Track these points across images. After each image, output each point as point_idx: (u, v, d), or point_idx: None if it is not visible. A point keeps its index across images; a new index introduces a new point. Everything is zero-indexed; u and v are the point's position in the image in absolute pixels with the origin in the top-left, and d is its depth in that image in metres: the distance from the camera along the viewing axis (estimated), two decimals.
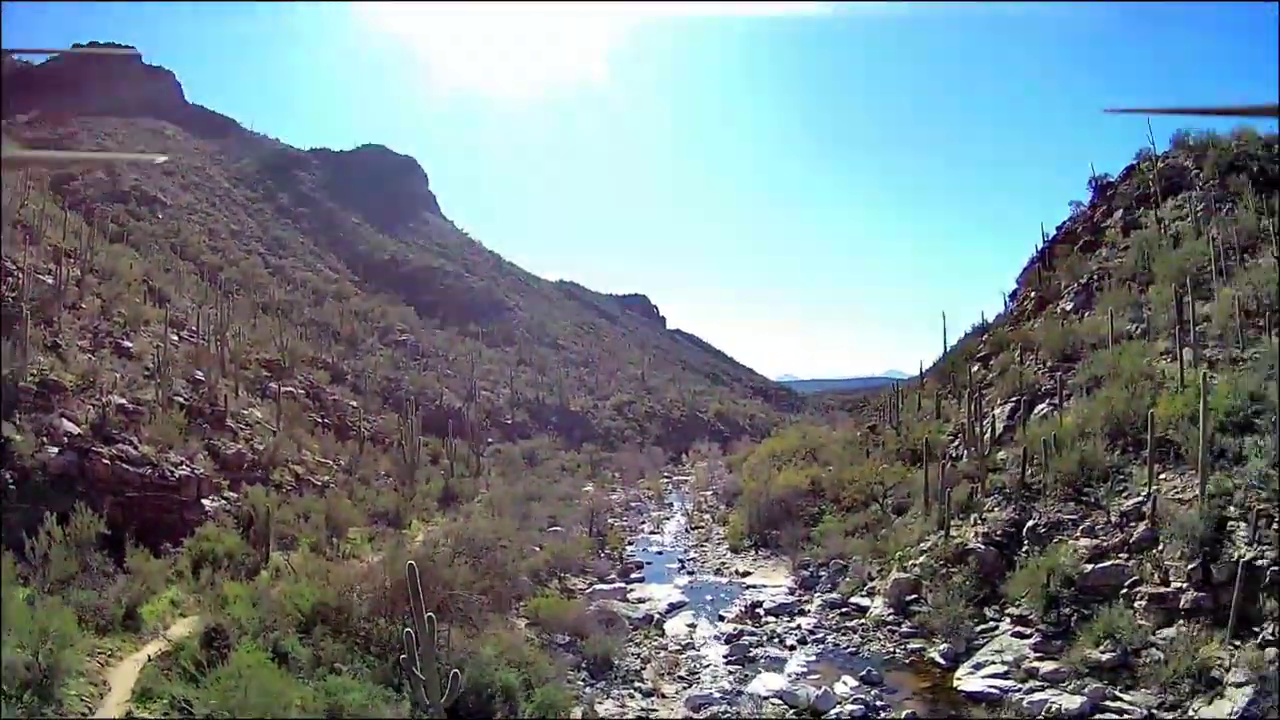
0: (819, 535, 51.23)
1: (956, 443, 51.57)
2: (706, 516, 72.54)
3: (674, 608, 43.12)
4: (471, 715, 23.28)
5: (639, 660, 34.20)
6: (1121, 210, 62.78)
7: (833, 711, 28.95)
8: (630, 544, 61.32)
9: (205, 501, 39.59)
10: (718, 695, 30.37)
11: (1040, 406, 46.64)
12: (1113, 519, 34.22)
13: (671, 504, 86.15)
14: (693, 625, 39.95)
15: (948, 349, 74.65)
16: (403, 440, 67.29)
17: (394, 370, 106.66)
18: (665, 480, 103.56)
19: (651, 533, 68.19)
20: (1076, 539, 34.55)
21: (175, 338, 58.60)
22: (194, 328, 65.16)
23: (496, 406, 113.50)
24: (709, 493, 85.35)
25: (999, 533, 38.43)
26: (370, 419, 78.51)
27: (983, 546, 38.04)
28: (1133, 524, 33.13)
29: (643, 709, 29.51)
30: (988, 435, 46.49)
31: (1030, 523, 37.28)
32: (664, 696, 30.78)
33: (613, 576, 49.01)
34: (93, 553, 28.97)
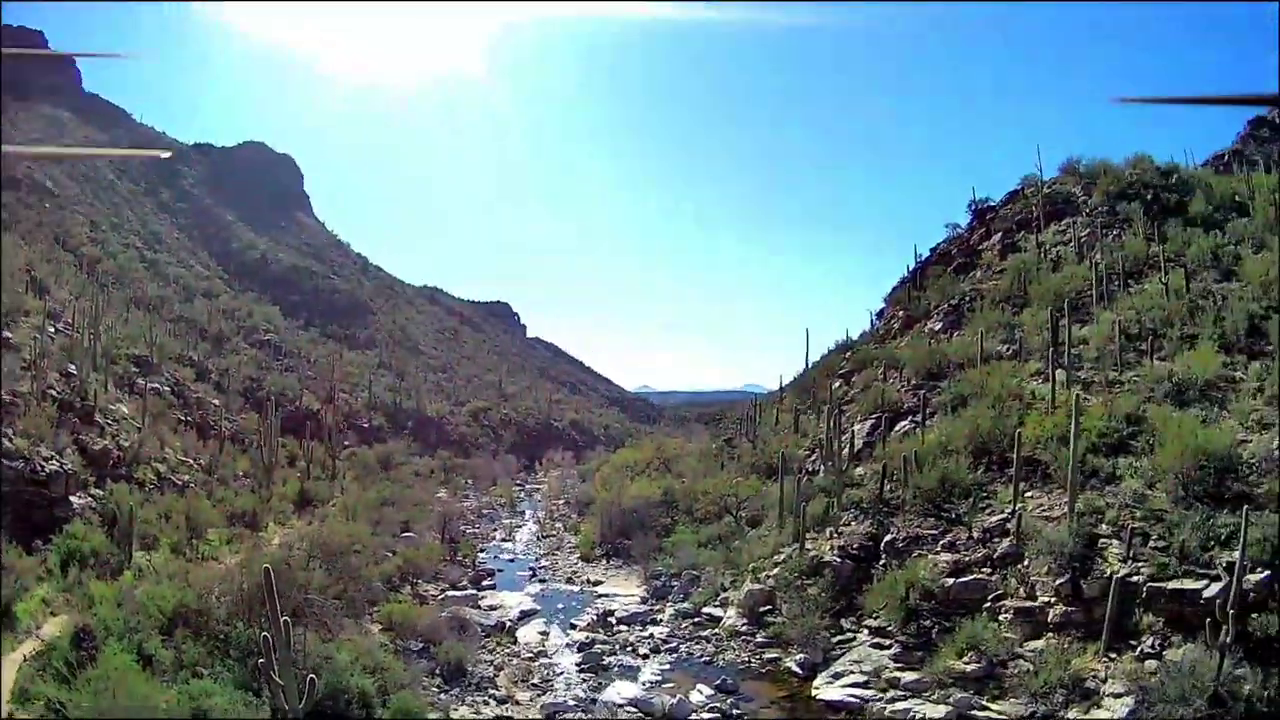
0: (671, 546, 50.56)
1: (814, 457, 51.16)
2: (559, 525, 71.74)
3: (526, 615, 42.02)
4: None
5: (492, 667, 33.02)
6: (1000, 234, 63.56)
7: (689, 719, 28.21)
8: (482, 551, 60.16)
9: (73, 498, 38.25)
10: (572, 702, 29.35)
11: (902, 424, 46.40)
12: (975, 535, 33.93)
13: (524, 512, 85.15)
14: (545, 633, 38.84)
15: (809, 364, 74.61)
16: (262, 441, 65.55)
17: (257, 370, 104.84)
18: (518, 488, 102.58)
19: (504, 540, 66.99)
20: (937, 554, 34.17)
21: (52, 330, 57.29)
22: (69, 320, 63.37)
23: (354, 410, 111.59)
24: (561, 501, 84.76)
25: (856, 546, 37.86)
26: (232, 418, 76.59)
27: (839, 559, 37.40)
28: (996, 540, 32.91)
29: (497, 716, 28.42)
30: (846, 451, 45.98)
31: (889, 537, 36.79)
32: (518, 703, 29.70)
33: (465, 583, 47.75)
34: None
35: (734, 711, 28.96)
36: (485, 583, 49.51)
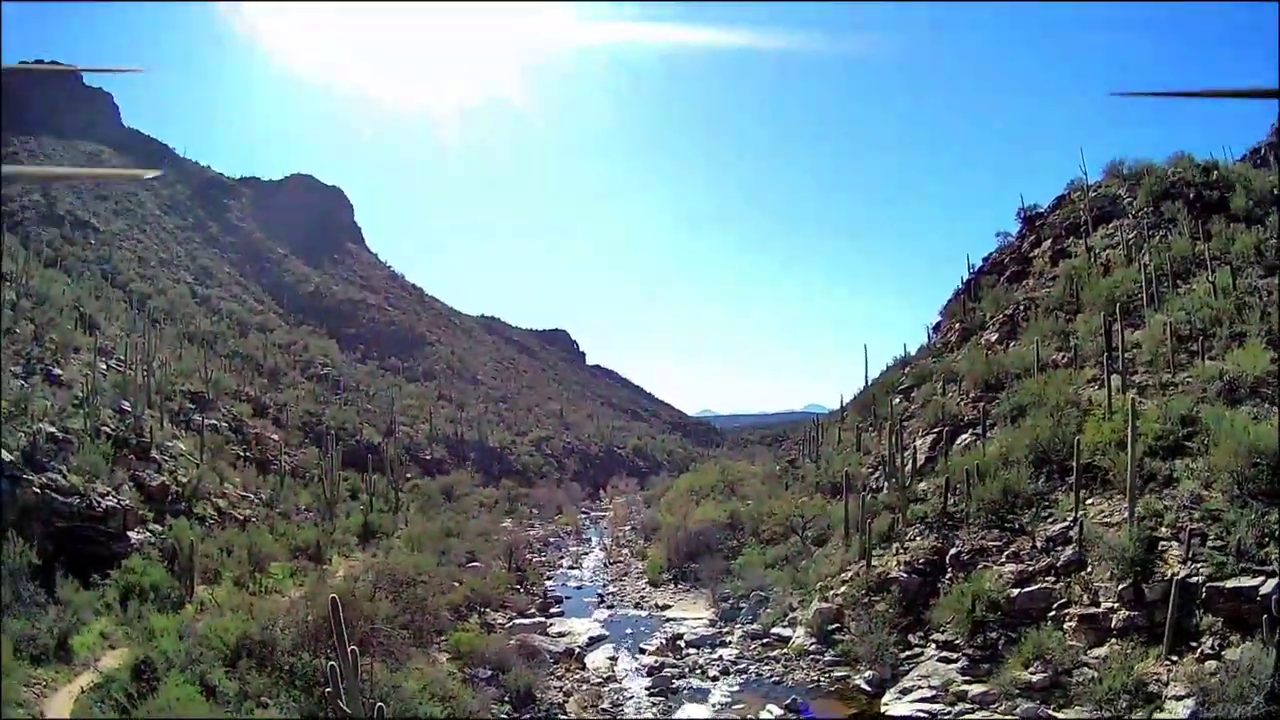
0: (739, 568, 50.63)
1: (877, 474, 51.22)
2: (625, 551, 71.98)
3: (594, 641, 42.30)
4: None
5: (561, 693, 33.24)
6: (1050, 240, 63.22)
7: None
8: (549, 579, 60.54)
9: (131, 534, 38.50)
10: None
11: (963, 436, 46.36)
12: (1038, 544, 33.84)
13: (590, 539, 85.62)
14: (613, 658, 39.13)
15: (869, 382, 74.18)
16: (323, 475, 66.03)
17: (315, 404, 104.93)
18: (583, 515, 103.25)
19: (570, 567, 67.46)
20: (1001, 565, 34.15)
21: (104, 366, 57.45)
22: (122, 356, 63.55)
23: (415, 442, 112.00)
24: (627, 527, 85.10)
25: (922, 561, 38.04)
26: (291, 453, 77.17)
27: (905, 574, 37.57)
28: (1059, 548, 32.79)
29: None
30: (909, 466, 45.89)
31: (953, 550, 36.84)
32: None
33: (532, 611, 48.10)
34: (24, 582, 28.38)
35: None
36: (553, 610, 49.88)
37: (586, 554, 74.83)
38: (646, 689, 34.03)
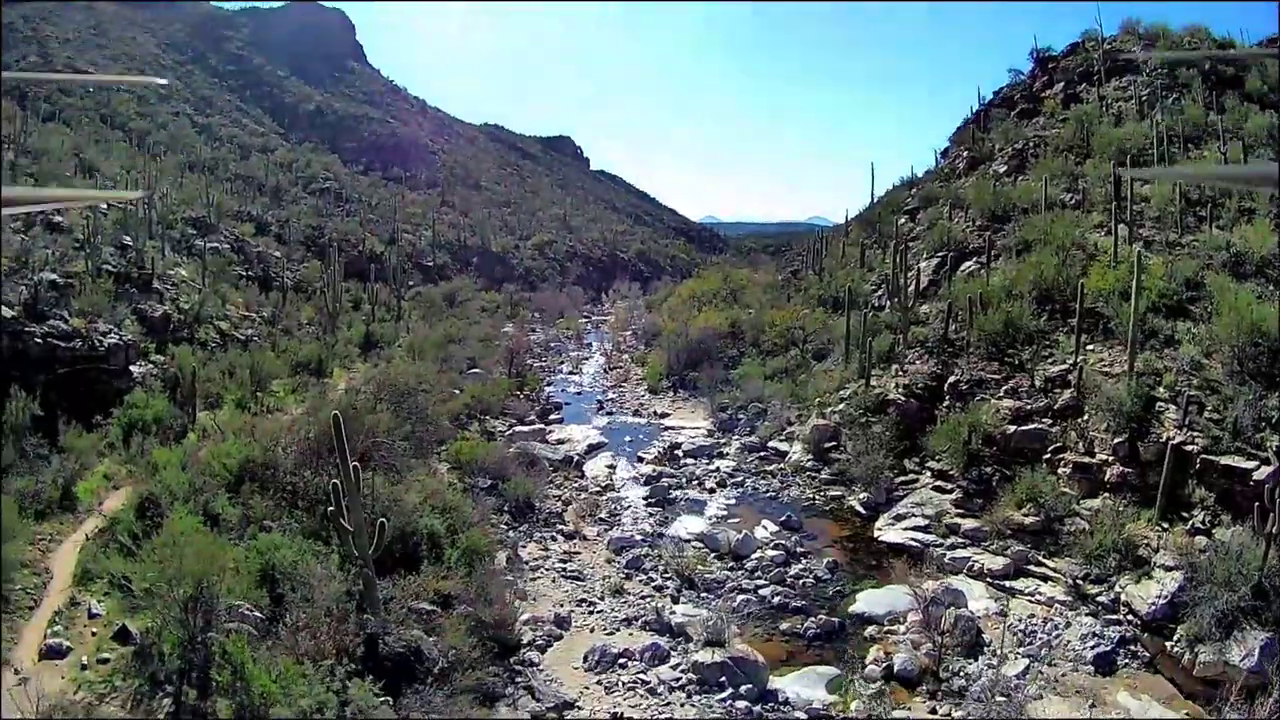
0: (738, 378, 51.28)
1: (879, 293, 51.61)
2: (625, 357, 72.75)
3: (593, 449, 43.11)
4: (398, 563, 22.83)
5: (560, 502, 34.14)
6: (1063, 84, 62.96)
7: (754, 556, 29.10)
8: (550, 384, 61.30)
9: (134, 368, 38.52)
10: (639, 538, 30.37)
11: (967, 264, 46.37)
12: (1036, 383, 34.20)
13: (590, 344, 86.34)
14: (612, 467, 39.98)
15: (874, 200, 74.49)
16: (324, 288, 66.10)
17: (317, 218, 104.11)
18: (585, 320, 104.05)
19: (570, 373, 68.32)
20: (999, 399, 34.61)
21: (104, 206, 56.81)
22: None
23: (418, 249, 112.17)
24: (628, 333, 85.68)
25: (920, 386, 38.58)
26: (294, 268, 77.32)
27: (903, 398, 38.21)
28: (1057, 390, 33.13)
29: (565, 551, 29.47)
30: (912, 288, 46.15)
31: (952, 379, 37.28)
32: (585, 539, 30.74)
33: (532, 418, 48.76)
34: (27, 436, 28.21)
35: (798, 549, 29.93)
36: (552, 417, 50.61)
37: (587, 359, 75.74)
38: (644, 499, 34.95)
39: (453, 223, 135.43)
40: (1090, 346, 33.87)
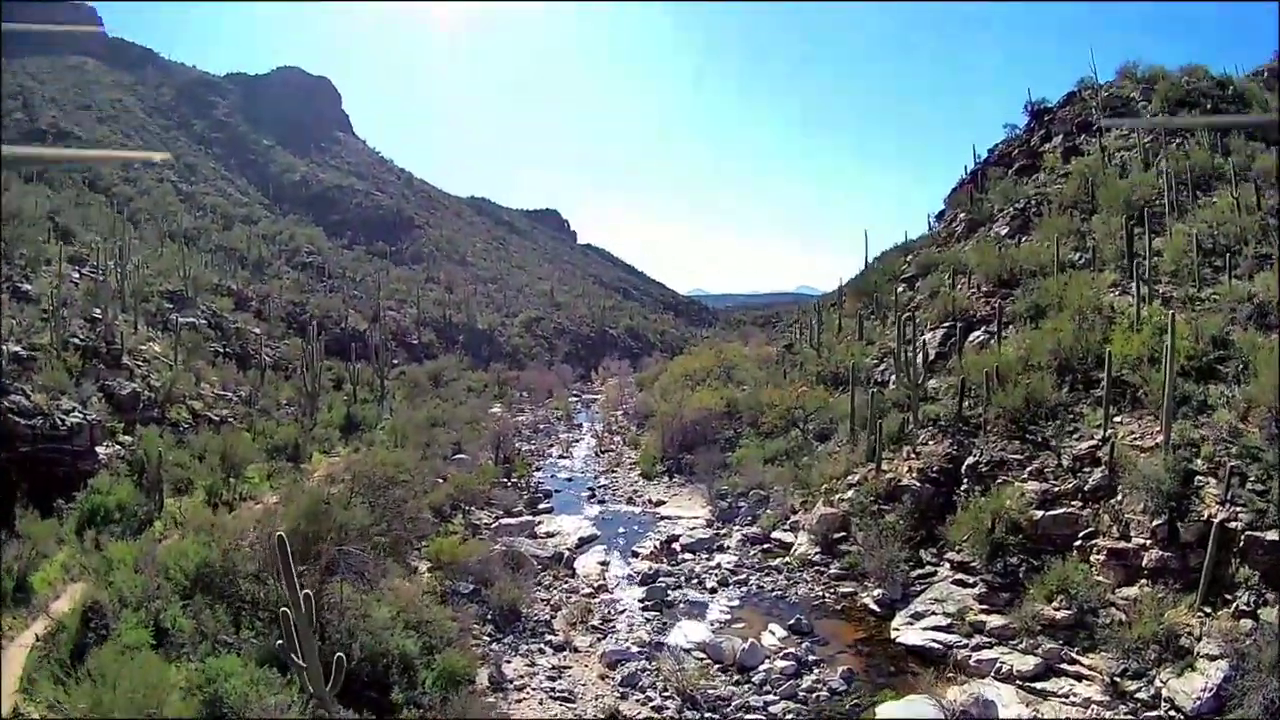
0: (737, 462, 48.88)
1: (883, 367, 49.13)
2: (617, 439, 70.33)
3: (585, 543, 40.36)
4: (367, 686, 20.11)
5: (549, 607, 31.15)
6: (1061, 136, 61.46)
7: (761, 667, 26.24)
8: (538, 470, 58.88)
9: (99, 449, 36.35)
10: (635, 649, 27.39)
11: (976, 333, 44.08)
12: (1064, 462, 31.44)
13: (581, 424, 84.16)
14: (605, 563, 37.13)
15: (868, 268, 72.89)
16: (304, 367, 63.46)
17: (299, 293, 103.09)
18: (574, 399, 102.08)
19: (560, 457, 65.62)
20: (1024, 481, 31.79)
21: (76, 275, 55.83)
22: (96, 263, 61.72)
23: (403, 326, 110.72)
24: (619, 413, 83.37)
25: (935, 469, 35.62)
26: (274, 345, 75.18)
27: (918, 483, 35.27)
28: (1087, 469, 30.37)
29: (554, 666, 26.40)
30: (918, 361, 43.20)
31: (970, 460, 34.50)
32: (577, 650, 27.74)
33: (520, 508, 46.24)
34: None
35: (809, 657, 27.04)
36: (542, 506, 48.06)
37: (577, 441, 73.27)
38: (640, 601, 32.01)
39: (438, 299, 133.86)
40: (1118, 418, 31.30)
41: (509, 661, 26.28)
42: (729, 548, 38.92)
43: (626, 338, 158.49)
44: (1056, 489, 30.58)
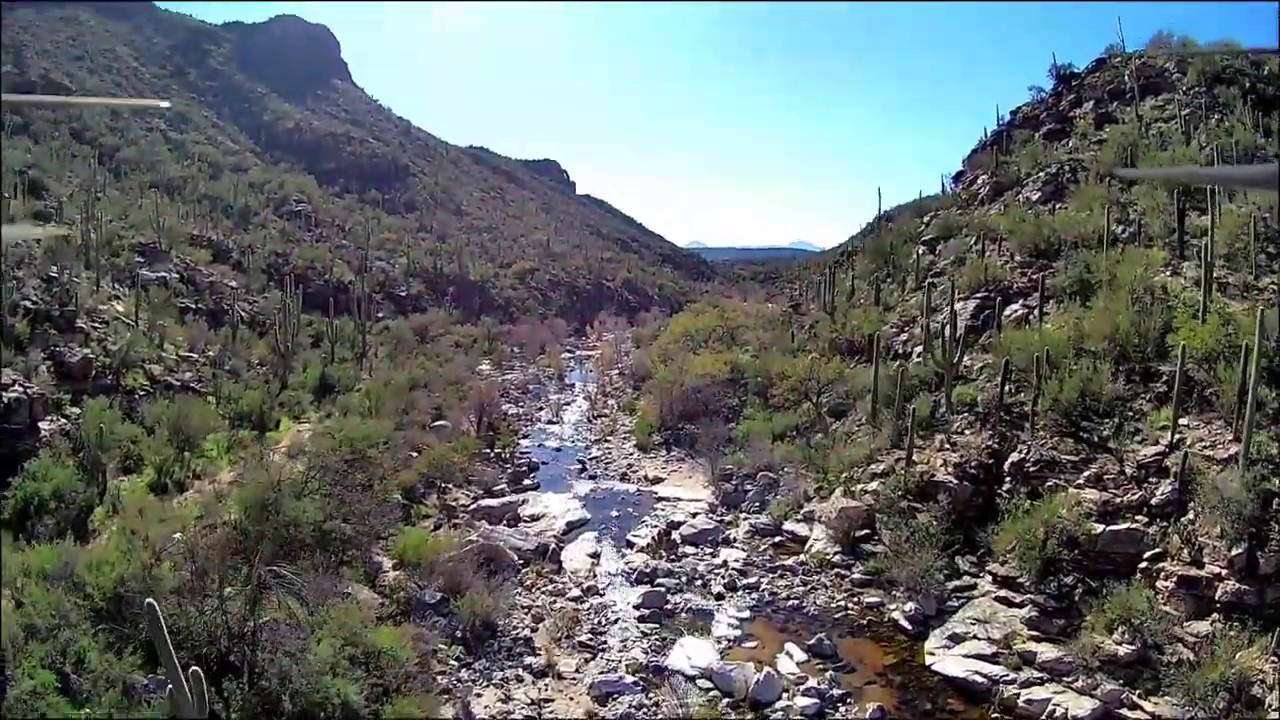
0: (742, 436, 45.19)
1: (905, 338, 45.50)
2: (611, 403, 66.23)
3: (573, 528, 36.40)
4: None
5: (529, 617, 26.78)
6: (1092, 102, 59.53)
7: (779, 704, 22.14)
8: (526, 437, 55.18)
9: (42, 425, 32.40)
10: (630, 679, 23.12)
11: (1013, 307, 40.10)
12: (1126, 469, 27.30)
13: (573, 385, 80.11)
14: (595, 556, 32.90)
15: (879, 227, 70.68)
16: (279, 323, 59.01)
17: (284, 243, 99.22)
18: (568, 355, 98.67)
19: (550, 422, 61.44)
20: (1080, 488, 27.61)
21: (39, 231, 51.50)
22: (63, 217, 59.51)
23: (391, 277, 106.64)
24: (614, 372, 79.74)
25: (974, 464, 31.37)
26: (251, 299, 71.05)
27: (955, 480, 30.96)
28: (1153, 480, 26.35)
29: (533, 701, 21.93)
30: (948, 332, 38.32)
31: (1015, 457, 30.32)
32: (561, 677, 23.30)
33: (502, 486, 42.00)
34: None
35: (834, 690, 22.92)
36: (527, 481, 44.08)
37: (569, 404, 69.16)
38: (635, 608, 27.73)
39: (430, 249, 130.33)
40: (1183, 421, 27.30)
41: (479, 695, 21.89)
42: (736, 540, 34.71)
43: (624, 291, 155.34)
44: (1119, 500, 26.42)
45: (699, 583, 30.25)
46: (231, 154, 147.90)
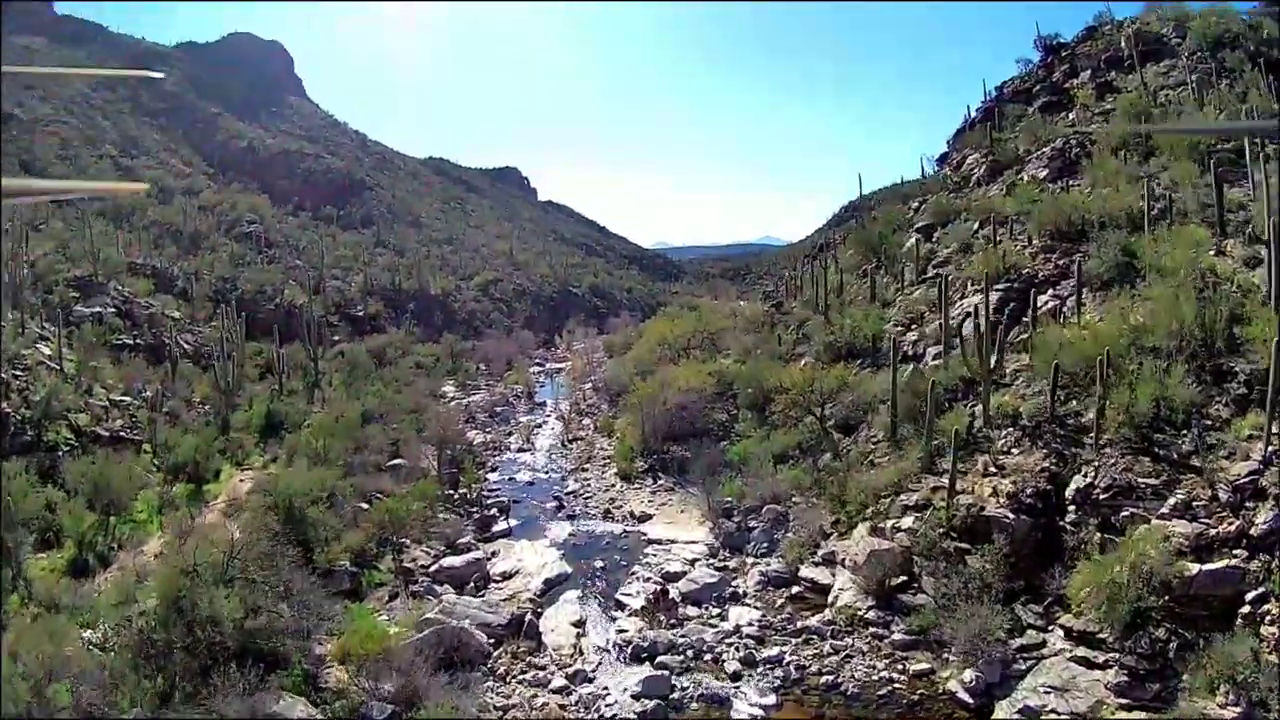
0: (738, 458, 40.34)
1: (914, 338, 40.70)
2: (587, 422, 61.34)
3: (552, 585, 31.04)
4: None
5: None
6: (1089, 71, 56.45)
7: None
8: (494, 470, 50.02)
9: None
10: None
11: (1043, 299, 35.28)
12: (1219, 493, 22.52)
13: (544, 403, 75.38)
14: (580, 624, 27.48)
15: (863, 216, 68.99)
16: (221, 355, 53.79)
17: (233, 267, 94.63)
18: (537, 368, 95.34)
19: (521, 449, 56.09)
20: (1166, 518, 22.69)
21: None
22: None
23: (348, 297, 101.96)
24: (588, 385, 75.18)
25: (1030, 492, 26.10)
26: (196, 330, 66.35)
27: (1010, 514, 25.67)
28: (1250, 504, 21.81)
29: None
30: (968, 329, 33.81)
31: (1080, 482, 25.21)
32: None
33: (466, 538, 36.40)
34: None
35: None
36: (497, 527, 38.83)
37: (540, 425, 63.88)
38: (634, 698, 22.42)
39: (388, 265, 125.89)
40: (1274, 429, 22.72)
41: None
42: (746, 595, 29.12)
43: (591, 296, 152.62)
44: (1213, 532, 21.74)
45: (708, 657, 24.78)
46: (183, 177, 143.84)
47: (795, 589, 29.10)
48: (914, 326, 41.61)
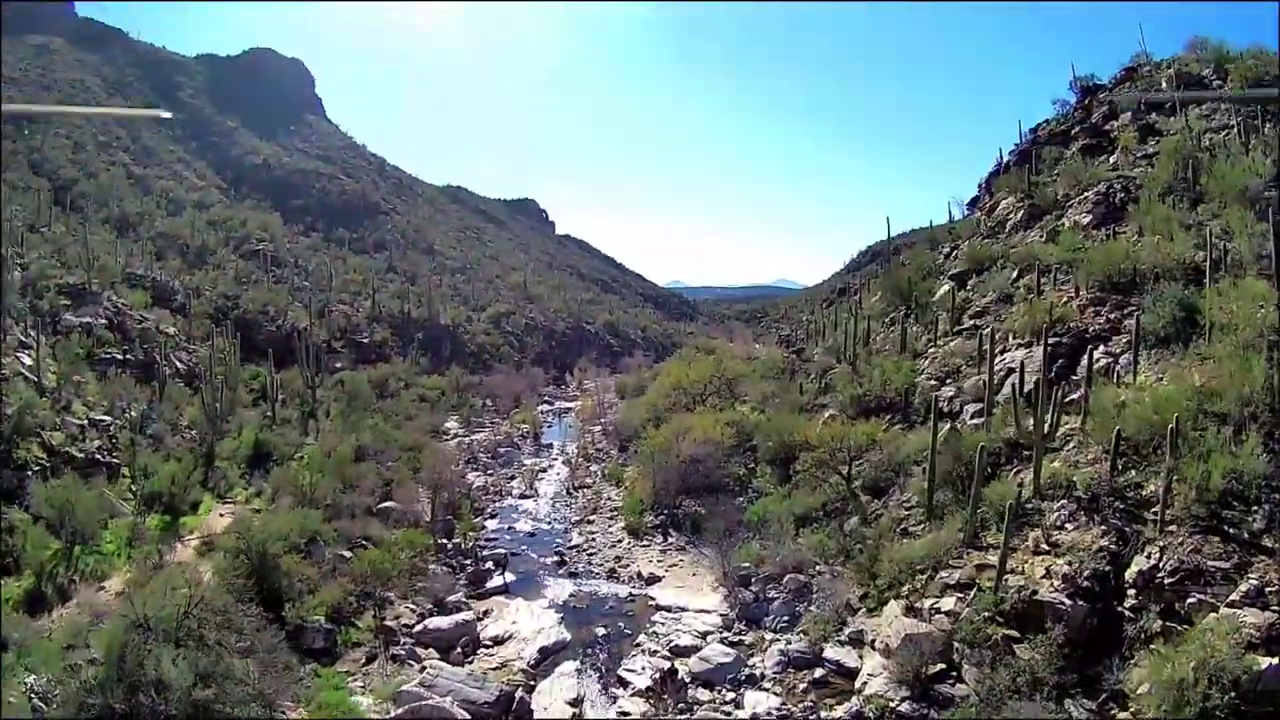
0: (756, 518, 37.70)
1: (951, 394, 37.80)
2: (595, 469, 58.88)
3: (548, 655, 28.50)
4: None
5: None
6: (1130, 113, 53.64)
7: None
8: (493, 516, 47.60)
9: None
10: None
11: (1096, 355, 32.17)
12: None
13: (551, 444, 72.98)
14: (577, 704, 24.80)
15: (889, 260, 67.04)
16: (209, 378, 52.02)
17: (237, 285, 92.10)
18: (546, 407, 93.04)
19: (523, 495, 53.42)
20: (1235, 606, 20.08)
21: None
22: None
23: (353, 323, 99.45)
24: (597, 428, 73.19)
25: (1087, 574, 23.22)
26: (190, 348, 63.83)
27: (1066, 600, 22.77)
28: None
29: None
30: (1011, 386, 31.63)
31: (1143, 564, 22.42)
32: None
33: (457, 596, 33.87)
34: None
35: None
36: (492, 582, 36.39)
37: (546, 470, 61.24)
38: None
39: (398, 291, 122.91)
40: None
41: None
42: (764, 677, 26.22)
43: (605, 334, 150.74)
44: None
45: None
46: (196, 190, 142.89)
47: (819, 671, 26.09)
48: (949, 381, 38.91)
